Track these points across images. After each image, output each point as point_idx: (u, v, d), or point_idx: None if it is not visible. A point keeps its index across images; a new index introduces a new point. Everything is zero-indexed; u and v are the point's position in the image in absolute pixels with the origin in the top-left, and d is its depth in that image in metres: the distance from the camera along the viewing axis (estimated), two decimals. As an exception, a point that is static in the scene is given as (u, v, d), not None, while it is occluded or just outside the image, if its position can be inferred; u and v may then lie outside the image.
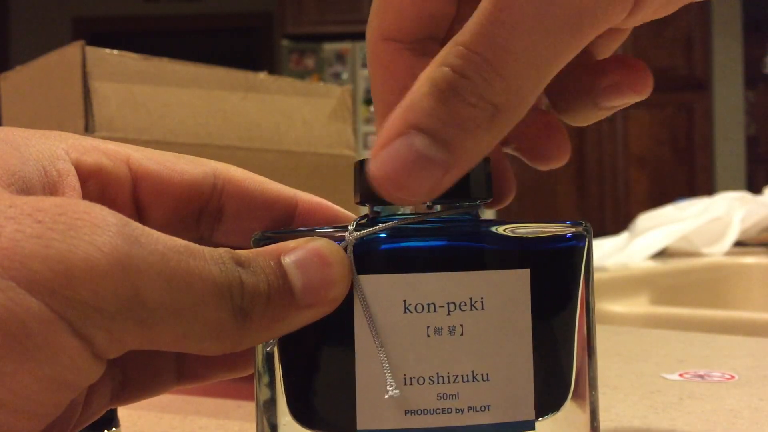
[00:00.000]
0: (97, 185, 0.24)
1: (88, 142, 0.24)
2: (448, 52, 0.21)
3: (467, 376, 0.22)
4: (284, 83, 0.59)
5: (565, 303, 0.24)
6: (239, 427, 0.36)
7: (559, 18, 0.20)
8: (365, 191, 0.24)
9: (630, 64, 0.27)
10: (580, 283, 0.24)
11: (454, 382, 0.22)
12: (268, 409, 0.24)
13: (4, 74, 0.58)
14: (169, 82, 0.53)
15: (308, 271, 0.21)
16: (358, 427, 0.22)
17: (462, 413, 0.22)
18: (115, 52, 0.51)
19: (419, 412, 0.22)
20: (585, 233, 0.24)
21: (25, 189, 0.21)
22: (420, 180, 0.21)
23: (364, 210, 0.26)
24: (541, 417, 0.23)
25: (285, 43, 3.59)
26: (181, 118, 0.53)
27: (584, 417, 0.24)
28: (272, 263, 0.21)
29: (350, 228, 0.23)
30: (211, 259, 0.20)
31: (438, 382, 0.22)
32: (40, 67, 0.54)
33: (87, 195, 0.23)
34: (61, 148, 0.23)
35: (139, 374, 0.25)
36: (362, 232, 0.23)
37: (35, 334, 0.17)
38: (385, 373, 0.22)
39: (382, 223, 0.23)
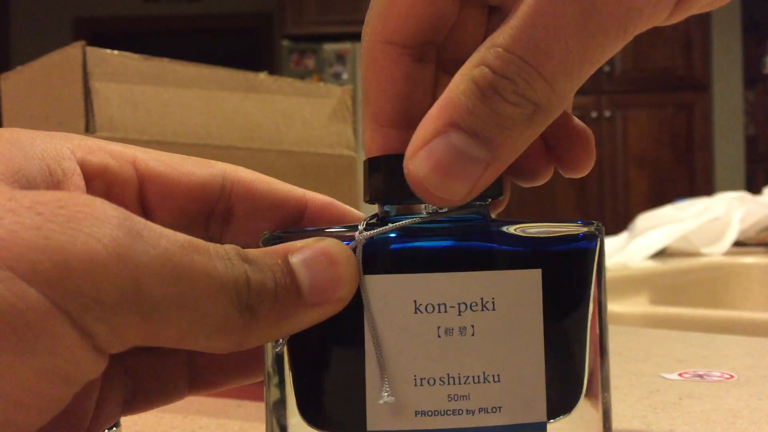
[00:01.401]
0: (102, 185, 0.24)
1: (94, 142, 0.24)
2: (486, 53, 0.21)
3: (478, 377, 0.22)
4: (284, 83, 0.59)
5: (577, 303, 0.24)
6: (240, 426, 0.36)
7: (604, 20, 0.20)
8: (375, 190, 0.24)
9: (581, 141, 0.27)
10: (592, 283, 0.24)
11: (464, 383, 0.22)
12: (277, 409, 0.24)
13: (4, 74, 0.57)
14: (169, 82, 0.53)
15: (315, 270, 0.21)
16: (368, 428, 0.22)
17: (473, 414, 0.22)
18: (115, 52, 0.51)
19: (430, 413, 0.22)
20: (597, 233, 0.24)
21: (29, 187, 0.21)
22: (460, 179, 0.21)
23: (374, 209, 0.26)
24: (553, 419, 0.23)
25: (285, 43, 3.58)
26: (182, 119, 0.53)
27: (597, 417, 0.24)
28: (279, 261, 0.21)
29: (360, 228, 0.23)
30: (216, 255, 0.20)
31: (449, 383, 0.22)
32: (40, 68, 0.54)
33: (92, 195, 0.23)
34: (67, 148, 0.23)
35: (151, 382, 0.25)
36: (372, 231, 0.23)
37: (33, 325, 0.17)
38: (382, 377, 0.22)
39: (392, 222, 0.23)
